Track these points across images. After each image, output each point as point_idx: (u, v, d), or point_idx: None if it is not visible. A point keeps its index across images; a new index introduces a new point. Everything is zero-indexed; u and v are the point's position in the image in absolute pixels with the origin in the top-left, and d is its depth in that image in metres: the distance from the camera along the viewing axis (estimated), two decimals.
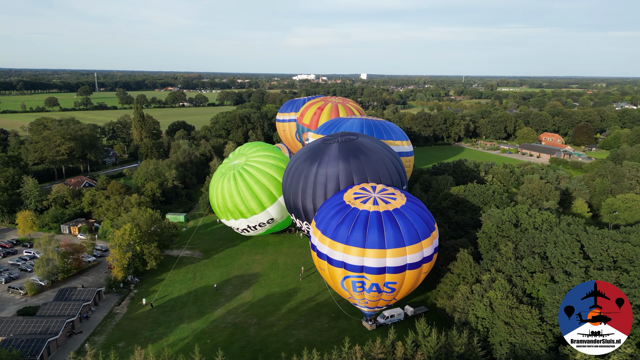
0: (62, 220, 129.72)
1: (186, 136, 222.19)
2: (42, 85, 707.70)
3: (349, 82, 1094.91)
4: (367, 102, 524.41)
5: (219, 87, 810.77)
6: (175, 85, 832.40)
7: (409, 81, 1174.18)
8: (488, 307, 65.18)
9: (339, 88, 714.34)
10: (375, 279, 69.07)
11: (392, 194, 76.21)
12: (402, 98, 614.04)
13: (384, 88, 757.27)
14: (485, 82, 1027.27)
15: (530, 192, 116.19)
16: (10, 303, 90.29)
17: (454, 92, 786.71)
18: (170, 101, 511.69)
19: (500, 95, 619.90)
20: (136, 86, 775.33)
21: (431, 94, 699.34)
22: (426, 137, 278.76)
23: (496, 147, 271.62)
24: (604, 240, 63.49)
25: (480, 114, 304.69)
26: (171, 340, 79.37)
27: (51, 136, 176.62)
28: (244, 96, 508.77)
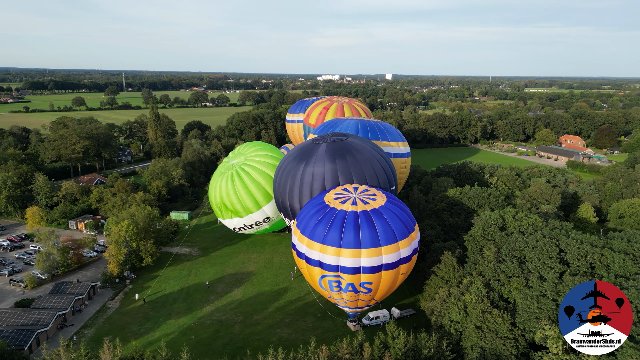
0: (71, 216, 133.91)
1: (200, 136, 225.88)
2: (72, 85, 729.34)
3: (373, 82, 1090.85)
4: (388, 102, 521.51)
5: (243, 87, 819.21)
6: (200, 85, 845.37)
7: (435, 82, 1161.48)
8: (462, 310, 64.46)
9: (361, 88, 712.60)
10: (351, 278, 69.15)
11: (373, 194, 76.10)
12: (425, 99, 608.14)
13: (406, 89, 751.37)
14: (513, 83, 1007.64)
15: (530, 195, 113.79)
16: (10, 295, 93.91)
17: (478, 93, 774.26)
18: (193, 101, 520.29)
19: (525, 97, 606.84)
20: (162, 86, 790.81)
21: (455, 94, 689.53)
22: (442, 138, 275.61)
23: (513, 149, 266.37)
24: (582, 245, 62.01)
25: (498, 115, 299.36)
26: (157, 335, 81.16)
27: (67, 135, 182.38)
28: (265, 96, 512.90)
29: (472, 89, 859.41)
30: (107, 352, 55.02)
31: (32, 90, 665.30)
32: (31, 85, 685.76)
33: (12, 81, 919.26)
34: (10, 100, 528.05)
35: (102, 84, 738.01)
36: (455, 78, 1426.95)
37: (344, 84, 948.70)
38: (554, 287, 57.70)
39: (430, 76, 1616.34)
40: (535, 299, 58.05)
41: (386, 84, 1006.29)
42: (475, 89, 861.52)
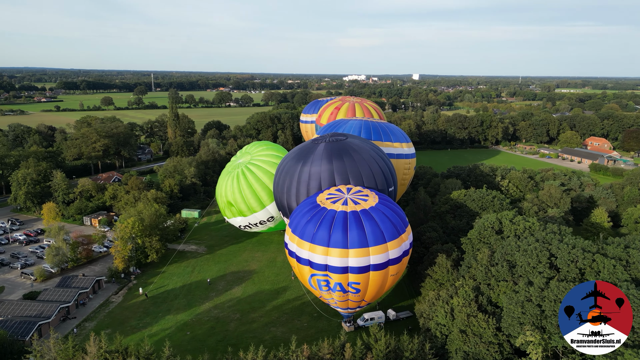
0: (86, 213, 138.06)
1: (217, 135, 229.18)
2: (103, 86, 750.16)
3: (399, 82, 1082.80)
4: (411, 102, 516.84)
5: (268, 87, 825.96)
6: (227, 85, 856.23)
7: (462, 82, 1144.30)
8: (449, 313, 63.70)
9: (385, 89, 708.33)
10: (339, 278, 69.24)
11: (366, 195, 75.93)
12: (450, 99, 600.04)
13: (432, 89, 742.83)
14: (544, 83, 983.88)
15: (539, 198, 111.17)
16: (20, 287, 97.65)
17: (506, 94, 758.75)
18: (217, 101, 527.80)
19: (554, 97, 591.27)
20: (189, 86, 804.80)
21: (481, 95, 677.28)
22: (461, 139, 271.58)
23: (535, 152, 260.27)
24: (573, 250, 60.40)
25: (521, 117, 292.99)
26: (154, 330, 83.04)
27: (88, 133, 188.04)
28: (288, 97, 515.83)
29: (500, 89, 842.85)
30: (93, 345, 56.65)
31: (65, 90, 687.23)
32: (64, 85, 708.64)
33: (47, 81, 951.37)
34: (43, 100, 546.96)
35: (132, 84, 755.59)
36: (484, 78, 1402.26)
37: (369, 84, 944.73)
38: (539, 292, 56.45)
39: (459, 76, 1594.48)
40: (520, 304, 56.91)
41: (412, 84, 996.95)
42: (503, 89, 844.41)
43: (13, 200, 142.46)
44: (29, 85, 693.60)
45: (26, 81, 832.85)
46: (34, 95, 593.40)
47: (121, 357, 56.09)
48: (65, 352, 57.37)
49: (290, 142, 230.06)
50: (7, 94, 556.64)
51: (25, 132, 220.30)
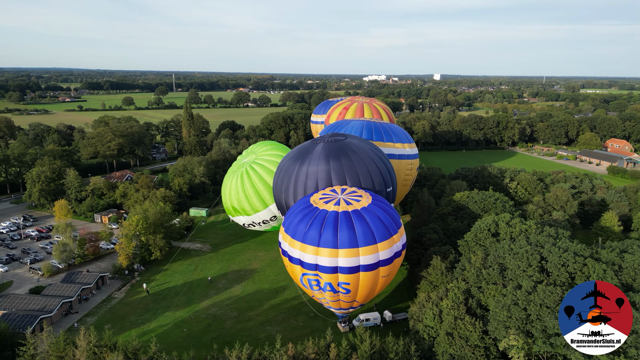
0: (97, 210, 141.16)
1: (230, 135, 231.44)
2: (126, 86, 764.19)
3: (419, 82, 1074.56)
4: (429, 103, 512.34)
5: (287, 88, 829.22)
6: (246, 86, 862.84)
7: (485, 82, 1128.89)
8: (437, 316, 63.22)
9: (404, 89, 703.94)
10: (329, 278, 69.36)
11: (359, 196, 75.85)
12: (469, 100, 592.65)
13: (452, 89, 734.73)
14: (569, 84, 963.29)
15: (545, 201, 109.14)
16: (28, 282, 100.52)
17: (528, 94, 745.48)
18: (235, 101, 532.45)
19: (577, 98, 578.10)
20: (210, 87, 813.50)
21: (502, 95, 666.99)
22: (477, 140, 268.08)
23: (553, 153, 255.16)
24: (564, 254, 59.26)
25: (539, 118, 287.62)
26: (152, 326, 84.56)
27: (103, 133, 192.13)
28: (306, 97, 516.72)
29: (523, 89, 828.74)
30: (83, 339, 58.08)
31: (89, 90, 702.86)
32: (88, 85, 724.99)
33: (73, 81, 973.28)
34: (67, 100, 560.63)
35: (154, 84, 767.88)
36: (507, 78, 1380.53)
37: (389, 84, 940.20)
38: (526, 296, 55.58)
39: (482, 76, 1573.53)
40: (506, 308, 56.15)
41: (433, 84, 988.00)
42: (526, 89, 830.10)
43: (28, 197, 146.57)
44: (55, 86, 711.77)
45: (53, 81, 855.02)
46: (58, 95, 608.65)
47: (109, 351, 57.33)
48: (56, 346, 58.96)
49: (302, 143, 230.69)
50: (33, 94, 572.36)
51: (44, 131, 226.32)
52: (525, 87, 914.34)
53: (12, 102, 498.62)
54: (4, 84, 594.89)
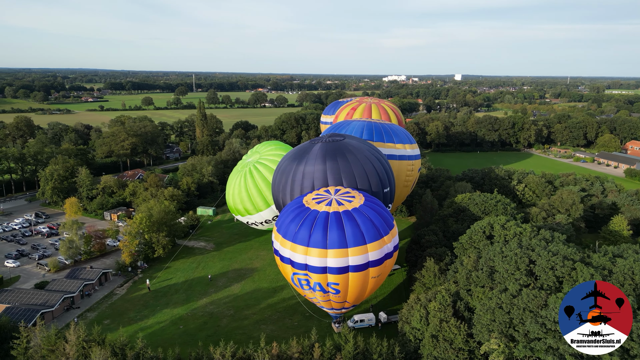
0: (106, 208, 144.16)
1: (243, 135, 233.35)
2: (147, 86, 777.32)
3: (440, 82, 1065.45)
4: (446, 103, 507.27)
5: (306, 88, 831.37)
6: (265, 86, 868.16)
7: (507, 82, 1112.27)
8: (424, 318, 62.80)
9: (423, 89, 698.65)
10: (318, 278, 69.55)
11: (352, 196, 75.80)
12: (489, 100, 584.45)
13: (472, 90, 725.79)
14: (594, 84, 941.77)
15: (550, 204, 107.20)
16: (34, 277, 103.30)
17: (550, 95, 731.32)
18: (253, 102, 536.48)
19: (601, 99, 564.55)
20: (229, 87, 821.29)
21: (524, 96, 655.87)
22: (492, 142, 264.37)
23: (570, 155, 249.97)
24: (552, 258, 58.24)
25: (557, 119, 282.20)
26: (149, 322, 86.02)
27: (117, 132, 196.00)
28: (322, 97, 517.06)
29: (546, 90, 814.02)
30: (73, 334, 59.56)
31: (111, 90, 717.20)
32: (111, 85, 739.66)
33: (97, 82, 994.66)
34: (89, 100, 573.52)
35: (174, 84, 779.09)
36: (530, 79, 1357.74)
37: (408, 84, 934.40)
38: (510, 299, 54.83)
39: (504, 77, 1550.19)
40: (490, 311, 55.49)
41: (453, 84, 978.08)
42: (549, 90, 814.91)
43: (41, 194, 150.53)
44: (78, 86, 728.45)
45: (78, 82, 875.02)
46: (81, 95, 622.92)
47: (97, 346, 58.62)
48: (48, 340, 60.58)
49: None
50: (57, 94, 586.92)
51: (62, 130, 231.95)
52: (548, 87, 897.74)
53: (36, 101, 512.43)
54: (30, 84, 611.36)
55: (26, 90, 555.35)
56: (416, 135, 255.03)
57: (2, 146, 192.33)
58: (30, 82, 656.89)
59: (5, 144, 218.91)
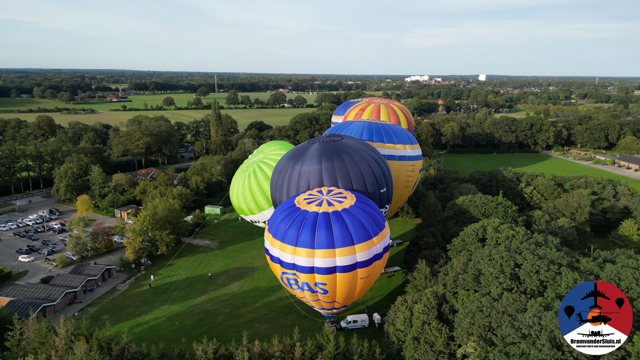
0: (117, 205, 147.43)
1: (256, 135, 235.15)
2: (170, 86, 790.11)
3: (463, 83, 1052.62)
4: (467, 104, 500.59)
5: (327, 88, 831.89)
6: (286, 87, 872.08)
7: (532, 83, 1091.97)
8: (408, 319, 62.44)
9: (444, 90, 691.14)
10: (306, 278, 69.80)
11: (344, 197, 75.80)
12: (512, 101, 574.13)
13: (495, 90, 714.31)
14: (623, 85, 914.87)
15: (555, 207, 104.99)
16: (41, 272, 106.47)
17: (576, 95, 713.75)
18: (272, 102, 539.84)
19: (629, 100, 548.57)
20: (250, 88, 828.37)
21: (548, 96, 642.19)
22: (509, 143, 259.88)
23: (589, 158, 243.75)
24: (537, 262, 57.19)
25: (577, 120, 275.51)
26: (147, 318, 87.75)
27: (132, 132, 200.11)
28: (341, 98, 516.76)
29: (572, 90, 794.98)
30: (62, 327, 61.32)
31: (135, 90, 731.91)
32: (135, 86, 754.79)
33: (124, 82, 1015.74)
34: (114, 100, 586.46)
35: (197, 85, 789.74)
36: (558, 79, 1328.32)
37: (431, 85, 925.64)
38: (490, 303, 54.10)
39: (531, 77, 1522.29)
40: (470, 314, 54.83)
41: (476, 85, 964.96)
42: (576, 90, 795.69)
43: (55, 192, 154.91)
44: (104, 86, 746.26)
45: (105, 82, 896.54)
46: (106, 95, 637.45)
47: (84, 340, 60.22)
48: (39, 333, 62.50)
49: None
50: (84, 94, 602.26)
51: (82, 129, 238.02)
52: (575, 88, 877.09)
53: (62, 101, 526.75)
54: (58, 85, 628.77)
55: (53, 90, 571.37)
56: (431, 136, 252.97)
57: (24, 144, 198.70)
58: (58, 82, 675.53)
59: (27, 142, 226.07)
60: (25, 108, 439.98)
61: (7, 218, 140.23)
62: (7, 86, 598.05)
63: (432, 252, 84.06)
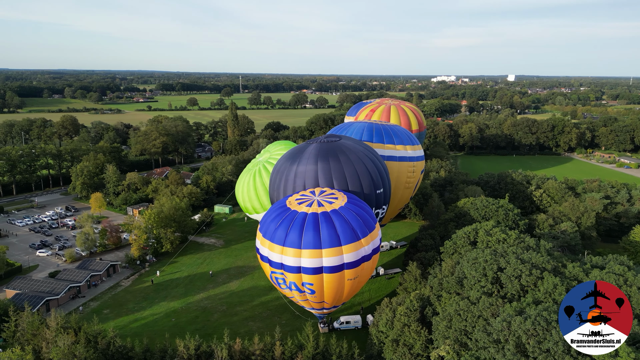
0: (129, 203, 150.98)
1: (271, 136, 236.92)
2: (196, 87, 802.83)
3: (491, 83, 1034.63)
4: (491, 105, 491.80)
5: (350, 89, 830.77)
6: (310, 87, 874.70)
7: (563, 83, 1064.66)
8: (390, 321, 62.10)
9: (470, 90, 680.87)
10: (293, 277, 70.16)
11: (335, 197, 75.84)
12: (539, 102, 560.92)
13: (521, 91, 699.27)
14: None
15: (561, 211, 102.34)
16: (51, 267, 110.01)
17: (608, 97, 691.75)
18: (293, 103, 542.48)
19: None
20: (274, 88, 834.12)
21: (577, 97, 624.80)
22: (529, 145, 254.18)
23: (613, 161, 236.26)
24: (520, 266, 56.07)
25: (602, 122, 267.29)
26: (145, 314, 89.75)
27: (149, 131, 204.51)
28: (363, 98, 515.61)
29: (604, 91, 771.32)
30: (53, 320, 63.42)
31: (162, 91, 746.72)
32: (162, 87, 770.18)
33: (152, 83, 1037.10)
34: (141, 100, 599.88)
35: (222, 86, 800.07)
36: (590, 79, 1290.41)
37: (456, 85, 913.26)
38: (468, 306, 53.33)
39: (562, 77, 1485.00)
40: (447, 317, 54.18)
41: (504, 85, 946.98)
42: (609, 91, 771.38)
43: (72, 189, 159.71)
44: (132, 87, 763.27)
45: (134, 83, 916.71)
46: (134, 95, 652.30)
47: (73, 333, 62.12)
48: (31, 325, 64.80)
49: None
50: (112, 95, 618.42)
51: (104, 129, 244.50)
52: (608, 88, 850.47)
53: (92, 101, 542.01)
54: (88, 86, 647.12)
55: (83, 90, 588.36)
56: (448, 138, 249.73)
57: (48, 143, 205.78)
58: (89, 83, 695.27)
59: (51, 141, 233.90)
60: (55, 108, 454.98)
61: (25, 214, 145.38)
62: (41, 86, 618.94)
63: (426, 255, 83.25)
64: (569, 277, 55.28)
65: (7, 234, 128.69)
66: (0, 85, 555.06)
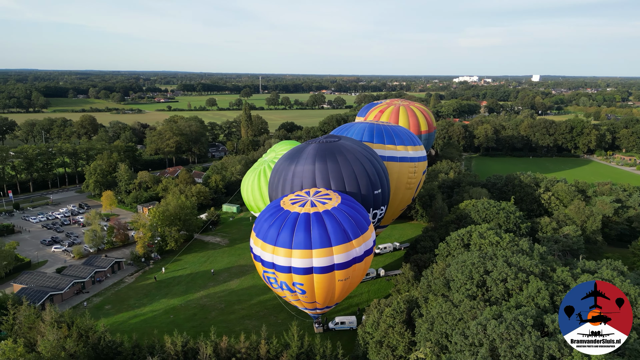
0: (140, 201, 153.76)
1: (284, 136, 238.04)
2: (217, 87, 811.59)
3: (514, 83, 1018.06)
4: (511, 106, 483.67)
5: (370, 89, 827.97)
6: (329, 88, 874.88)
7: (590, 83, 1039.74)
8: (376, 322, 61.89)
9: (491, 91, 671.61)
10: (284, 277, 70.52)
11: (329, 198, 75.91)
12: (562, 102, 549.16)
13: (545, 91, 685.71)
14: None
15: (565, 214, 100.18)
16: (59, 262, 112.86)
17: (635, 97, 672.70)
18: (311, 103, 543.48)
19: None
20: (294, 89, 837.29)
21: (603, 98, 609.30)
22: (547, 147, 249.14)
23: (634, 163, 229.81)
24: (506, 269, 55.23)
25: (623, 123, 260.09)
26: (145, 310, 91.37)
27: (163, 131, 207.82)
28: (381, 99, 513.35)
29: (632, 92, 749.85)
30: (48, 314, 65.17)
31: (183, 91, 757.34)
32: (183, 87, 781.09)
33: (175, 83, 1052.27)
34: (162, 100, 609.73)
35: (242, 86, 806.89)
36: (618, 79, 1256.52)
37: (478, 85, 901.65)
38: (450, 309, 52.80)
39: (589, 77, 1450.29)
40: (429, 320, 53.73)
41: (528, 85, 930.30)
42: (636, 92, 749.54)
43: (85, 187, 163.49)
44: (154, 87, 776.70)
45: (157, 83, 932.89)
46: (155, 96, 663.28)
47: (66, 326, 63.72)
48: (28, 318, 66.71)
49: None
50: (134, 95, 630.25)
51: (121, 128, 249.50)
52: (636, 89, 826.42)
53: (114, 101, 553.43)
54: (112, 86, 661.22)
55: (107, 91, 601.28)
56: (462, 139, 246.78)
57: (68, 142, 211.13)
58: (112, 84, 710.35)
59: (70, 140, 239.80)
60: (79, 108, 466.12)
61: (39, 211, 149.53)
62: (66, 87, 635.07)
63: (422, 257, 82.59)
64: (556, 282, 54.15)
65: (21, 230, 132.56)
66: (27, 85, 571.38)
